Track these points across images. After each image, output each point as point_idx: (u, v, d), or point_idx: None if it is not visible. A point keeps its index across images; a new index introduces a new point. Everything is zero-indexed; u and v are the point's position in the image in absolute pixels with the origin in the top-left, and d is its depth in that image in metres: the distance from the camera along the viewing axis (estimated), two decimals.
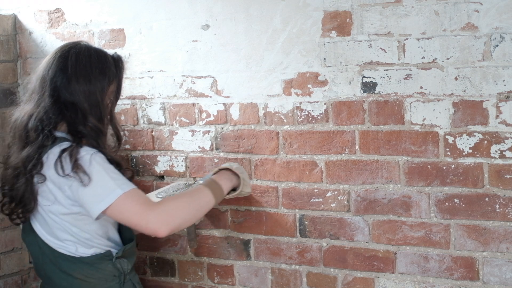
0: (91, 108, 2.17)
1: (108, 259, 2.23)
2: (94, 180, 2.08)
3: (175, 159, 2.78)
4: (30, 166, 2.13)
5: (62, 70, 2.17)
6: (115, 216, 2.12)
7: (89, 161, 2.09)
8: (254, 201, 2.63)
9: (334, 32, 2.43)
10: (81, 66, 2.18)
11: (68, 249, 2.19)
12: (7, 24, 3.06)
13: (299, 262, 2.58)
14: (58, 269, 2.21)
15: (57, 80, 2.16)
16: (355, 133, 2.44)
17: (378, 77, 2.38)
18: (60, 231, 2.18)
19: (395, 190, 2.40)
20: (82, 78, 2.17)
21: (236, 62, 2.62)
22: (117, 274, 2.25)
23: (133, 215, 2.09)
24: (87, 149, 2.13)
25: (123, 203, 2.08)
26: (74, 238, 2.18)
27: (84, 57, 2.20)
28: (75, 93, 2.16)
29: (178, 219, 2.14)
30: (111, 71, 2.25)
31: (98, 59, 2.23)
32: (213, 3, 2.64)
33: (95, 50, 2.26)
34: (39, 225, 2.22)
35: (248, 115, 2.62)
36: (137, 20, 2.80)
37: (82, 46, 2.25)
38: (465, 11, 2.23)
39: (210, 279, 2.77)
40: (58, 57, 2.20)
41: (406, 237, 2.39)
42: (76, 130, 2.17)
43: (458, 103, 2.28)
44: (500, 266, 2.27)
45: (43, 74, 2.20)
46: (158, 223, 2.08)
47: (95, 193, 2.08)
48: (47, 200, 2.16)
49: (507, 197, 2.24)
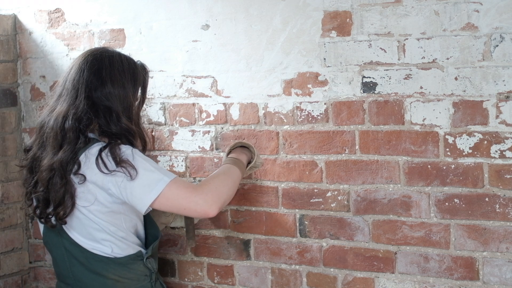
0: (124, 110, 2.23)
1: (140, 259, 2.27)
2: (140, 173, 2.12)
3: (175, 159, 2.78)
4: (69, 167, 2.14)
5: (96, 73, 2.21)
6: (164, 205, 2.16)
7: (131, 155, 2.14)
8: (254, 201, 2.63)
9: (334, 32, 2.43)
10: (115, 70, 2.23)
11: (104, 250, 2.21)
12: (7, 24, 3.07)
13: (299, 262, 2.58)
14: (90, 270, 2.22)
15: (92, 83, 2.20)
16: (355, 133, 2.44)
17: (378, 77, 2.38)
18: (97, 231, 2.19)
19: (395, 190, 2.40)
20: (116, 82, 2.22)
21: (236, 62, 2.62)
22: (148, 274, 2.29)
23: (183, 200, 2.14)
24: (126, 146, 2.18)
25: (171, 190, 2.13)
26: (111, 237, 2.20)
27: (117, 62, 2.26)
28: (110, 96, 2.20)
29: (223, 196, 2.21)
30: (141, 76, 2.32)
31: (129, 65, 2.29)
32: (213, 3, 2.64)
33: (124, 56, 2.32)
34: (72, 228, 2.21)
35: (248, 115, 2.62)
36: (137, 20, 2.80)
37: (113, 51, 2.31)
38: (465, 11, 2.23)
39: (210, 279, 2.77)
40: (92, 60, 2.23)
41: (406, 237, 2.39)
42: (109, 131, 2.20)
43: (458, 103, 2.28)
44: (500, 266, 2.27)
45: (76, 76, 2.22)
46: (207, 203, 2.15)
47: (143, 184, 2.12)
48: (86, 201, 2.16)
49: (507, 197, 2.24)
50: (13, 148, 3.08)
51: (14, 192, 3.05)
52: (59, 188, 2.15)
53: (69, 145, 2.15)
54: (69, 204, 2.16)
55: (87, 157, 2.15)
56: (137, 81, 2.30)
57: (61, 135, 2.16)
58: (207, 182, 2.24)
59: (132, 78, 2.27)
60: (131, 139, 2.23)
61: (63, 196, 2.15)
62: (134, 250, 2.26)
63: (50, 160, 2.16)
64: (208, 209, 2.15)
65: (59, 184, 2.15)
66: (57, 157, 2.15)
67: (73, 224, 2.21)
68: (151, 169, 2.14)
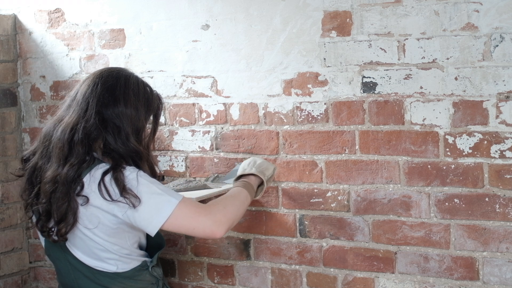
0: (134, 132, 2.16)
1: (145, 269, 2.23)
2: (147, 198, 2.07)
3: (175, 159, 2.78)
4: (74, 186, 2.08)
5: (109, 90, 2.15)
6: (173, 227, 2.12)
7: (136, 180, 2.08)
8: (254, 201, 2.63)
9: (334, 32, 2.43)
10: (129, 91, 2.17)
11: (109, 268, 2.17)
12: (7, 24, 3.07)
13: (299, 262, 2.58)
14: (97, 284, 2.19)
15: (104, 99, 2.13)
16: (355, 133, 2.44)
17: (378, 77, 2.38)
18: (101, 251, 2.15)
19: (395, 190, 2.40)
20: (130, 103, 2.15)
21: (236, 62, 2.62)
22: (154, 282, 2.26)
23: (191, 220, 2.11)
24: (130, 169, 2.10)
25: (180, 210, 2.10)
26: (116, 255, 2.16)
27: (133, 83, 2.19)
28: (122, 115, 2.13)
29: (231, 217, 2.19)
30: (155, 104, 2.26)
31: (145, 89, 2.22)
32: (213, 3, 2.64)
33: (142, 80, 2.25)
34: (74, 246, 2.17)
35: (248, 115, 2.62)
36: (137, 20, 2.80)
37: (130, 73, 2.24)
38: (465, 11, 2.23)
39: (210, 279, 2.77)
40: (107, 76, 2.17)
41: (406, 237, 2.40)
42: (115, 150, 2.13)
43: (458, 103, 2.28)
44: (500, 266, 2.27)
45: (88, 89, 2.15)
46: (215, 224, 2.13)
47: (150, 209, 2.07)
48: (90, 223, 2.11)
49: (507, 197, 2.24)
50: (13, 148, 3.09)
51: (14, 192, 3.05)
52: (62, 204, 2.09)
53: (76, 159, 2.09)
54: (71, 221, 2.10)
55: (91, 180, 2.09)
56: (150, 108, 2.23)
57: (68, 147, 2.10)
58: (215, 203, 2.21)
59: (146, 103, 2.20)
60: (137, 162, 2.16)
61: (66, 212, 2.09)
62: (139, 262, 2.22)
63: (54, 172, 2.10)
64: (216, 229, 2.12)
65: (61, 200, 2.09)
66: (63, 171, 2.08)
67: (76, 243, 2.16)
68: (158, 192, 2.09)
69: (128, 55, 2.82)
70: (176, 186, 2.57)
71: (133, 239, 2.20)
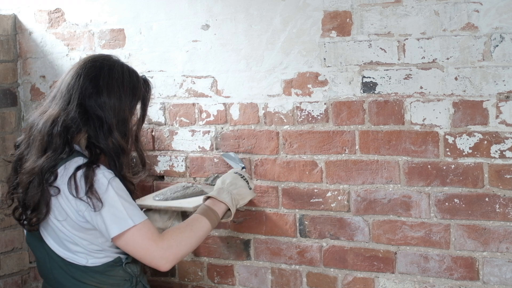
0: (118, 124, 2.14)
1: (118, 265, 2.21)
2: (108, 207, 2.06)
3: (175, 159, 2.78)
4: (47, 176, 2.09)
5: (93, 81, 2.13)
6: (122, 246, 2.12)
7: (106, 186, 2.06)
8: (254, 201, 2.63)
9: (334, 32, 2.43)
10: (113, 80, 2.15)
11: (79, 261, 2.17)
12: (7, 24, 3.07)
13: (299, 262, 2.58)
14: (70, 276, 2.19)
15: (87, 90, 2.12)
16: (355, 133, 2.44)
17: (378, 77, 2.38)
18: (70, 244, 2.16)
19: (395, 190, 2.40)
20: (113, 93, 2.14)
21: (236, 62, 2.62)
22: (128, 278, 2.24)
23: (140, 250, 2.11)
24: (105, 172, 2.09)
25: (132, 236, 2.08)
26: (85, 249, 2.16)
27: (117, 72, 2.17)
28: (104, 106, 2.12)
29: (180, 253, 2.16)
30: (141, 91, 2.23)
31: (130, 77, 2.20)
32: (213, 3, 2.64)
33: (127, 67, 2.22)
34: (48, 235, 2.19)
35: (248, 115, 2.62)
36: (137, 20, 2.80)
37: (115, 60, 2.21)
38: (465, 11, 2.23)
39: (210, 279, 2.77)
40: (90, 67, 2.16)
41: (406, 237, 2.40)
42: (96, 144, 2.12)
43: (458, 103, 2.28)
44: (500, 266, 2.27)
45: (72, 81, 2.14)
46: (163, 260, 2.12)
47: (106, 220, 2.07)
48: (59, 215, 2.12)
49: (507, 197, 2.24)
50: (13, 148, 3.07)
51: None
52: (35, 194, 2.10)
53: (53, 152, 2.09)
54: (44, 211, 2.11)
55: (64, 172, 2.09)
56: (135, 95, 2.20)
57: (47, 139, 2.10)
58: (170, 237, 2.15)
59: (131, 92, 2.18)
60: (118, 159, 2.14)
61: (38, 202, 2.11)
62: (112, 257, 2.20)
63: (32, 164, 2.11)
64: (162, 266, 2.12)
65: (35, 189, 2.10)
66: (39, 162, 2.10)
67: (49, 233, 2.18)
68: (120, 208, 2.07)
69: (128, 55, 2.82)
70: (173, 193, 2.55)
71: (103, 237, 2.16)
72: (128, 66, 2.24)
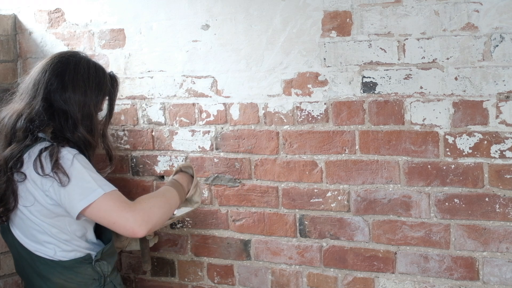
0: (83, 119, 2.17)
1: (88, 262, 2.20)
2: (75, 180, 2.06)
3: (175, 159, 2.78)
4: (11, 164, 2.11)
5: (59, 76, 2.16)
6: (95, 216, 2.10)
7: (71, 161, 2.08)
8: (254, 201, 2.63)
9: (334, 32, 2.43)
10: (79, 76, 2.18)
11: (47, 252, 2.16)
12: (7, 24, 3.06)
13: (299, 262, 2.58)
14: (36, 273, 2.18)
15: (53, 85, 2.15)
16: (355, 133, 2.44)
17: (378, 77, 2.38)
18: (39, 233, 2.15)
19: (395, 190, 2.40)
20: (78, 88, 2.17)
21: (236, 62, 2.62)
22: (96, 277, 2.23)
23: (113, 214, 2.08)
24: (69, 149, 2.12)
25: (104, 203, 2.07)
26: (54, 239, 2.15)
27: (83, 68, 2.20)
28: (69, 101, 2.15)
29: (155, 218, 2.13)
30: (107, 87, 2.25)
31: (96, 72, 2.22)
32: (213, 3, 2.64)
33: (93, 63, 2.25)
34: (15, 227, 2.19)
35: (248, 115, 2.62)
36: (137, 20, 2.80)
37: (82, 56, 2.24)
38: (465, 11, 2.23)
39: (210, 279, 2.77)
40: (57, 63, 2.19)
41: (406, 237, 2.39)
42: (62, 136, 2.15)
43: (458, 103, 2.28)
44: (500, 266, 2.27)
45: (38, 76, 2.18)
46: (137, 222, 2.08)
47: (75, 192, 2.06)
48: (27, 201, 2.13)
49: (507, 197, 2.24)
50: None
51: None
52: (1, 185, 2.12)
53: (16, 144, 2.12)
54: (11, 201, 2.13)
55: (29, 156, 2.11)
56: (101, 91, 2.22)
57: (11, 133, 2.14)
58: (142, 201, 2.17)
59: (97, 87, 2.21)
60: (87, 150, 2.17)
61: (4, 192, 2.13)
62: (81, 253, 2.20)
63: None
64: (137, 228, 2.07)
65: (1, 181, 2.12)
66: (4, 153, 2.13)
67: (17, 224, 2.18)
68: (87, 178, 2.08)
69: (128, 55, 2.82)
70: None
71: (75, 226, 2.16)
72: (95, 62, 2.27)
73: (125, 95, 2.83)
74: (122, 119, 2.86)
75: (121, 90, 2.83)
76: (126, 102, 2.85)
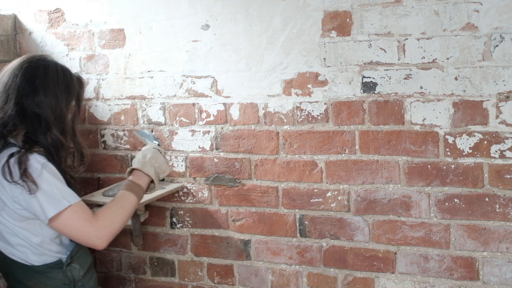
0: (56, 120, 2.20)
1: (59, 267, 2.22)
2: (42, 190, 2.09)
3: (175, 159, 2.78)
4: None
5: (29, 81, 2.19)
6: (59, 227, 2.14)
7: (39, 170, 2.11)
8: (254, 201, 2.63)
9: (334, 32, 2.43)
10: (49, 79, 2.21)
11: (19, 255, 2.18)
12: (7, 24, 3.06)
13: (299, 262, 2.58)
14: (11, 276, 2.21)
15: (24, 90, 2.18)
16: (355, 133, 2.44)
17: (378, 77, 2.38)
18: (11, 236, 2.17)
19: (395, 190, 2.40)
20: (49, 92, 2.20)
21: (236, 62, 2.62)
22: (67, 282, 2.24)
23: (76, 231, 2.14)
24: (37, 157, 2.13)
25: (66, 216, 2.12)
26: (25, 242, 2.17)
27: (52, 72, 2.23)
28: (42, 105, 2.18)
29: (114, 231, 2.21)
30: (76, 88, 2.29)
31: (64, 75, 2.26)
32: (213, 3, 2.64)
33: (61, 66, 2.29)
34: None
35: (248, 115, 2.62)
36: (137, 20, 2.80)
37: (49, 60, 2.27)
38: (465, 11, 2.23)
39: (210, 279, 2.77)
40: (26, 67, 2.21)
41: (406, 237, 2.40)
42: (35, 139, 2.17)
43: (458, 103, 2.28)
44: (500, 266, 2.27)
45: (8, 81, 2.20)
46: (99, 239, 2.16)
47: (42, 202, 2.09)
48: None
49: (507, 197, 2.24)
50: None
51: None
52: None
53: None
54: None
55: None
56: (71, 93, 2.26)
57: None
58: (103, 216, 2.21)
59: (66, 90, 2.24)
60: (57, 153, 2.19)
61: None
62: (53, 258, 2.22)
63: None
64: (99, 244, 2.16)
65: None
66: None
67: None
68: (53, 190, 2.10)
69: (128, 55, 2.82)
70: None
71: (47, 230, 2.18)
72: (62, 65, 2.30)
73: (125, 95, 2.83)
74: (122, 119, 2.86)
75: (121, 90, 2.84)
76: (126, 102, 2.85)
